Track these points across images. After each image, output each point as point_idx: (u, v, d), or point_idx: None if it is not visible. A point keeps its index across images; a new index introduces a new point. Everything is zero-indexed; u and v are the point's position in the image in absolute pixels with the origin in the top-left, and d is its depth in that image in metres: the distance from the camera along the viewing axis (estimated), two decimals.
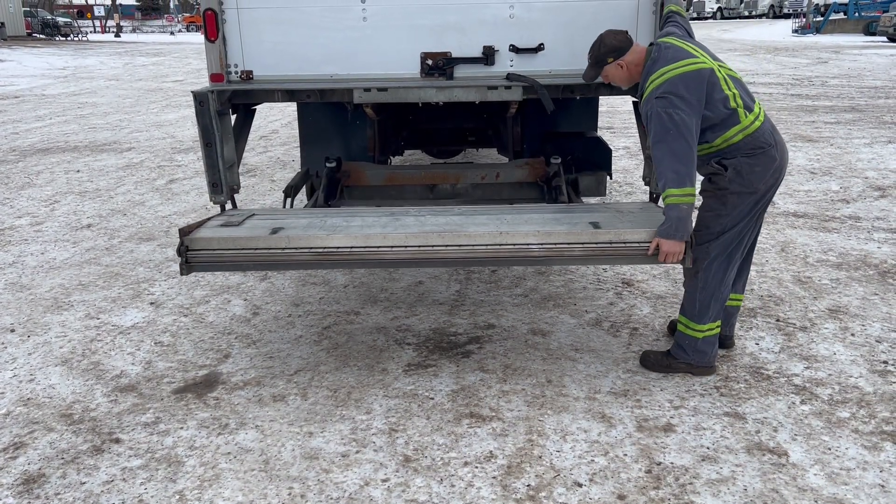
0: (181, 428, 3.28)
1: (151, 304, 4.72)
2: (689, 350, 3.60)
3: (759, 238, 5.67)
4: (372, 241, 3.36)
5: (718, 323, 3.62)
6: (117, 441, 3.19)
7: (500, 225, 3.46)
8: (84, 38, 44.56)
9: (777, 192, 3.59)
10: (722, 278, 3.52)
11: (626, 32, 3.54)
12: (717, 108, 3.26)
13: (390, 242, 3.35)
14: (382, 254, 3.35)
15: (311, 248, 3.35)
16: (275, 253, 3.36)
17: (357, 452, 3.07)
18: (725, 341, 3.86)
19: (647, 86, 3.32)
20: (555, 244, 3.33)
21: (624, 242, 3.34)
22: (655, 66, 3.31)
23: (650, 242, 3.29)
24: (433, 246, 3.33)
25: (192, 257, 3.37)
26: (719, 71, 3.31)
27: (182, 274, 3.38)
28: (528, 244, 3.33)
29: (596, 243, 3.35)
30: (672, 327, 3.98)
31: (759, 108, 3.39)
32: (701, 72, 3.24)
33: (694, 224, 3.40)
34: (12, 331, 4.34)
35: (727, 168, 3.34)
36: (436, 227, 3.47)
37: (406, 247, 3.34)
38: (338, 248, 3.35)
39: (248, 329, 4.30)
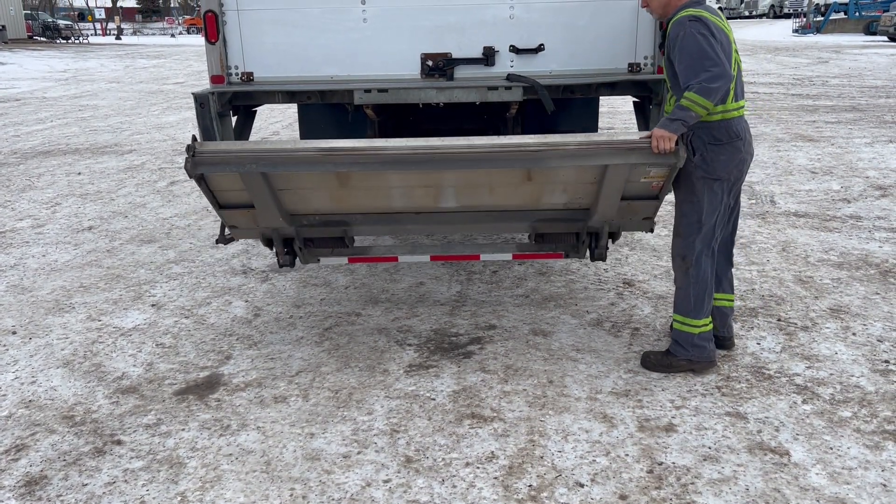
0: (183, 429, 3.28)
1: (153, 305, 4.72)
2: (687, 346, 3.63)
3: (760, 238, 5.68)
4: (375, 144, 3.47)
5: (710, 318, 3.67)
6: (119, 443, 3.19)
7: (500, 140, 3.54)
8: (85, 41, 44.62)
9: (777, 191, 3.61)
10: (711, 272, 3.61)
11: None
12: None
13: (393, 145, 3.43)
14: (385, 153, 3.39)
15: (318, 147, 3.42)
16: (281, 151, 3.41)
17: (358, 453, 3.07)
18: (725, 342, 3.86)
19: (679, 13, 3.39)
20: (552, 142, 3.39)
21: (617, 141, 3.41)
22: (695, 6, 3.40)
23: (646, 138, 3.35)
24: (435, 147, 3.40)
25: (198, 154, 3.39)
26: (734, 52, 3.44)
27: (189, 174, 3.39)
28: (526, 143, 3.39)
29: (590, 141, 3.40)
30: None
31: (744, 104, 3.54)
32: (726, 35, 3.36)
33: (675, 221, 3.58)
34: (14, 333, 4.34)
35: (695, 152, 3.46)
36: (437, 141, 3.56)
37: (407, 147, 3.42)
38: (342, 147, 3.43)
39: (249, 330, 4.30)
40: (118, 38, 49.59)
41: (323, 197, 3.74)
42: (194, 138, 3.46)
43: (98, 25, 58.76)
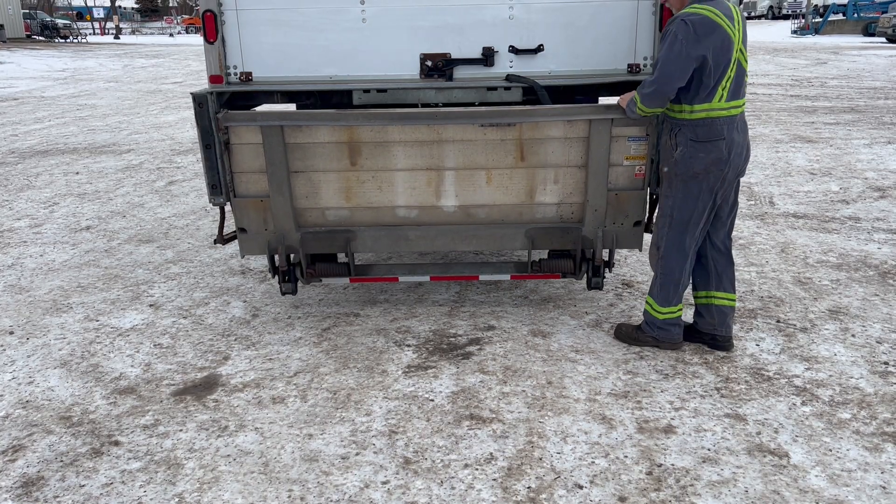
0: (180, 430, 3.27)
1: (151, 305, 4.71)
2: (653, 327, 3.89)
3: (759, 239, 5.68)
4: (383, 109, 4.06)
5: (681, 306, 3.86)
6: (116, 443, 3.18)
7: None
8: (83, 40, 44.58)
9: (775, 192, 3.65)
10: (682, 267, 3.77)
11: None
12: (709, 75, 3.44)
13: (399, 109, 4.07)
14: (391, 112, 3.93)
15: (332, 111, 3.95)
16: (300, 113, 4.01)
17: (357, 454, 3.06)
18: (724, 343, 3.87)
19: (683, 9, 3.53)
20: (541, 107, 3.92)
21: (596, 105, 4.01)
22: (702, 2, 3.51)
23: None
24: (436, 111, 3.91)
25: (227, 114, 3.91)
26: (737, 52, 3.48)
27: (218, 128, 3.89)
28: (517, 106, 3.96)
29: (574, 106, 3.95)
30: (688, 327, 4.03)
31: (741, 105, 3.57)
32: (725, 34, 3.42)
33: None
34: (11, 333, 4.33)
35: (677, 147, 3.58)
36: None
37: (412, 110, 3.99)
38: (353, 112, 3.96)
39: (247, 331, 4.29)
40: (117, 37, 49.56)
41: (331, 188, 4.02)
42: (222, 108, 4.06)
43: (96, 25, 58.73)
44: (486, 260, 5.29)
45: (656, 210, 3.92)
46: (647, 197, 4.17)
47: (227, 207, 4.32)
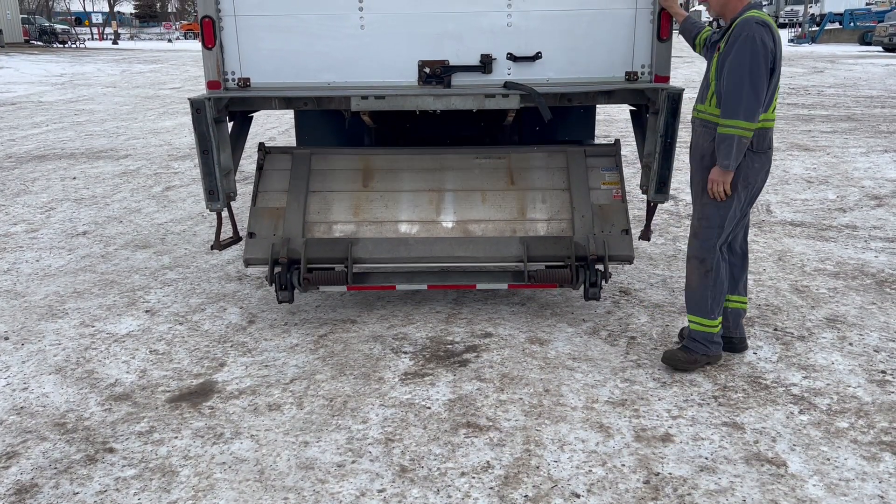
0: (176, 437, 3.25)
1: (147, 311, 4.69)
2: (707, 343, 3.73)
3: (757, 247, 5.68)
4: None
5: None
6: (111, 450, 3.16)
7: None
8: (82, 46, 44.59)
9: (772, 200, 3.67)
10: (726, 275, 3.71)
11: None
12: (772, 84, 3.42)
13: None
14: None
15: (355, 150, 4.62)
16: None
17: (353, 462, 3.05)
18: (740, 345, 3.94)
19: (745, 13, 3.43)
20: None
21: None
22: (758, 9, 3.47)
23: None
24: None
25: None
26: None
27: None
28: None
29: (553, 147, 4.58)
30: (682, 335, 4.01)
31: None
32: (780, 41, 3.46)
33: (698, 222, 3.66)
34: (6, 339, 4.31)
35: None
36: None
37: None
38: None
39: (243, 337, 4.27)
40: (115, 42, 49.59)
41: (342, 205, 4.34)
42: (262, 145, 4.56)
43: (95, 30, 58.76)
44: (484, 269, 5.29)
45: (695, 221, 3.72)
46: (647, 207, 4.45)
47: (224, 213, 4.32)
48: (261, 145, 4.54)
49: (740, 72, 3.32)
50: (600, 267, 4.21)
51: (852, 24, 36.07)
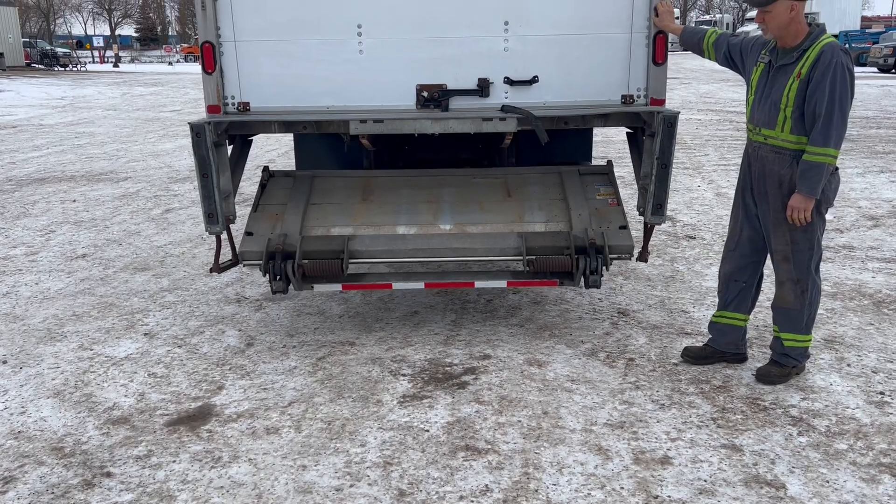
0: (173, 461, 3.24)
1: (145, 334, 4.69)
2: (800, 358, 3.87)
3: None
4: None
5: None
6: (109, 475, 3.15)
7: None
8: (83, 69, 44.91)
9: None
10: (819, 293, 3.81)
11: None
12: None
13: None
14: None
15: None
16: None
17: (351, 486, 3.04)
18: (744, 356, 4.05)
19: (823, 40, 3.42)
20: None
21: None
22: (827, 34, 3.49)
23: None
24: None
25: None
26: None
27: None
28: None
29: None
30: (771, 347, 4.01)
31: None
32: None
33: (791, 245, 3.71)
34: (4, 362, 4.30)
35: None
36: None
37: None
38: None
39: (242, 360, 4.27)
40: (116, 65, 49.94)
41: (341, 215, 4.40)
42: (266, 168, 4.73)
43: (96, 53, 59.21)
44: (482, 268, 5.28)
45: (779, 245, 3.74)
46: (644, 229, 4.51)
47: (224, 236, 4.33)
48: (265, 168, 4.66)
49: (832, 100, 3.34)
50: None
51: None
